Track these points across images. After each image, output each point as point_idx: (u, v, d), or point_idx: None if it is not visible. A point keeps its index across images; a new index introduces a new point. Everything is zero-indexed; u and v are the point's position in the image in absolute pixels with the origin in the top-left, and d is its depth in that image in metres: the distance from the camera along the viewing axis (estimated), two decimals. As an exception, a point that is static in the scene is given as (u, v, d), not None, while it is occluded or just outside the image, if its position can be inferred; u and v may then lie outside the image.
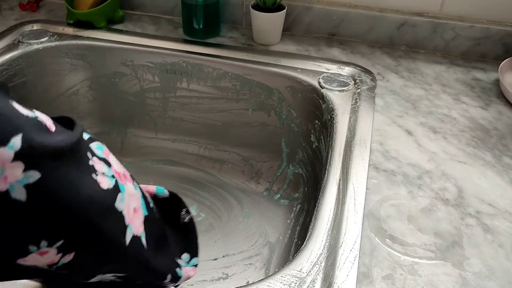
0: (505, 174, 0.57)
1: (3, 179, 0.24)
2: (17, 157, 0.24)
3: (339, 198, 0.52)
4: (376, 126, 0.65)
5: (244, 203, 0.79)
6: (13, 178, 0.24)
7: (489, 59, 0.81)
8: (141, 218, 0.34)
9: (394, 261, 0.46)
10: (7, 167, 0.24)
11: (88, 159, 0.29)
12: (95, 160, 0.30)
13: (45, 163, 0.25)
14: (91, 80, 0.86)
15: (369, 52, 0.82)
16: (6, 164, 0.23)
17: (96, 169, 0.29)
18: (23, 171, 0.24)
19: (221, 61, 0.78)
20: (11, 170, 0.24)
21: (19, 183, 0.24)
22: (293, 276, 0.43)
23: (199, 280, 0.67)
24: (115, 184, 0.31)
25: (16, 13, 0.91)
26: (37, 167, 0.25)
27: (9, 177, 0.24)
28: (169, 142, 0.89)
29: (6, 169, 0.23)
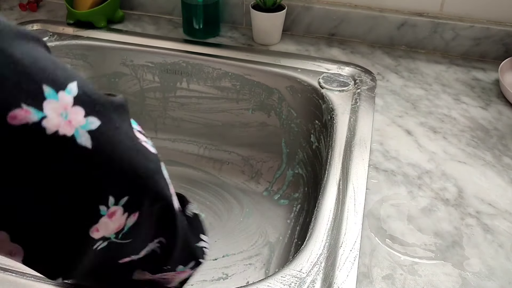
0: (505, 174, 0.57)
1: (68, 123, 0.23)
2: (76, 102, 0.24)
3: (339, 198, 0.52)
4: (376, 126, 0.65)
5: (244, 203, 0.79)
6: (77, 122, 0.23)
7: (489, 59, 0.81)
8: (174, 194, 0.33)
9: (394, 261, 0.46)
10: (70, 111, 0.23)
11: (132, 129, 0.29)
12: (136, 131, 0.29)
13: (102, 111, 0.25)
14: (91, 80, 0.86)
15: (369, 52, 0.82)
16: (68, 108, 0.23)
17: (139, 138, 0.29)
18: (84, 116, 0.24)
19: (221, 61, 0.78)
20: (74, 114, 0.23)
21: (83, 128, 0.24)
22: (293, 276, 0.43)
23: (199, 280, 0.67)
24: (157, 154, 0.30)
25: (16, 13, 0.91)
26: (96, 114, 0.25)
27: (73, 121, 0.23)
28: (169, 142, 0.89)
29: (69, 113, 0.23)
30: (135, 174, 0.27)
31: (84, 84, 0.25)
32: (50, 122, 0.22)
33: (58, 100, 0.23)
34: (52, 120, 0.22)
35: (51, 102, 0.22)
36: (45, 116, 0.22)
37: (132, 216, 0.28)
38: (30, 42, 0.24)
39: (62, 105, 0.23)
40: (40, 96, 0.22)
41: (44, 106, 0.22)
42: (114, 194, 0.26)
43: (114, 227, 0.27)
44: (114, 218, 0.27)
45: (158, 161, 0.30)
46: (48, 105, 0.22)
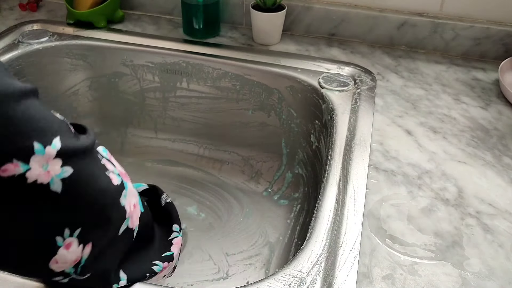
0: (505, 174, 0.57)
1: (47, 173, 0.28)
2: (57, 155, 0.28)
3: (339, 198, 0.52)
4: (376, 126, 0.65)
5: (244, 203, 0.79)
6: (54, 172, 0.28)
7: (489, 59, 0.81)
8: (138, 213, 0.39)
9: (394, 261, 0.46)
10: (50, 163, 0.28)
11: (100, 159, 0.34)
12: (104, 160, 0.34)
13: (76, 160, 0.30)
14: (91, 80, 0.86)
15: (369, 52, 0.82)
16: (50, 160, 0.28)
17: (107, 167, 0.34)
18: (60, 166, 0.29)
19: (221, 61, 0.78)
20: (53, 165, 0.28)
21: (58, 177, 0.29)
22: (293, 276, 0.43)
23: (199, 280, 0.67)
24: (121, 181, 0.36)
25: (16, 13, 0.91)
26: (71, 163, 0.30)
27: (51, 172, 0.28)
28: (169, 142, 0.89)
29: (49, 165, 0.28)
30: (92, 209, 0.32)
31: (66, 137, 0.30)
32: (32, 174, 0.27)
33: (44, 154, 0.28)
34: (34, 171, 0.27)
35: (38, 156, 0.27)
36: (29, 168, 0.27)
37: (87, 247, 0.32)
38: (30, 98, 0.28)
39: (46, 158, 0.28)
40: (30, 152, 0.27)
41: (31, 160, 0.27)
42: (69, 225, 0.31)
43: (72, 258, 0.32)
44: (71, 250, 0.31)
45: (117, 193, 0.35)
46: (35, 159, 0.27)
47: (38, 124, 0.28)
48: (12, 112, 0.26)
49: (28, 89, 0.28)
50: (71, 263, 0.32)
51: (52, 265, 0.31)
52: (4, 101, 0.26)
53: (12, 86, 0.27)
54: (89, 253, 0.33)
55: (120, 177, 0.35)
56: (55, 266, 0.31)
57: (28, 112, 0.27)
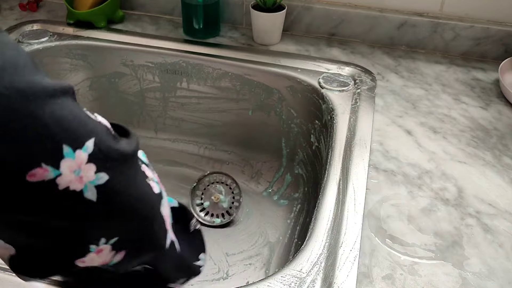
0: (505, 174, 0.57)
1: (79, 179, 0.26)
2: (90, 159, 0.26)
3: (339, 198, 0.52)
4: (376, 126, 0.65)
5: (244, 203, 0.79)
6: (87, 178, 0.26)
7: (489, 59, 0.81)
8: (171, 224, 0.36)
9: (394, 261, 0.46)
10: (83, 168, 0.26)
11: (140, 165, 0.32)
12: (144, 166, 0.33)
13: (112, 166, 0.28)
14: (91, 80, 0.86)
15: (369, 52, 0.82)
16: (82, 165, 0.26)
17: (147, 174, 0.32)
18: (95, 172, 0.26)
19: (221, 61, 0.78)
20: (86, 171, 0.26)
21: (91, 183, 0.26)
22: (293, 276, 0.43)
23: (199, 280, 0.67)
24: (160, 191, 0.33)
25: (16, 13, 0.91)
26: (106, 169, 0.27)
27: (84, 178, 0.26)
28: (169, 142, 0.89)
29: (82, 170, 0.26)
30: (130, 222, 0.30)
31: (101, 140, 0.27)
32: (63, 179, 0.25)
33: (75, 158, 0.25)
34: (66, 178, 0.25)
35: (68, 160, 0.25)
36: (60, 174, 0.25)
37: (119, 254, 0.31)
38: (60, 98, 0.26)
39: (77, 163, 0.26)
40: (59, 156, 0.25)
41: (61, 165, 0.25)
42: (106, 235, 0.29)
43: (100, 261, 0.30)
44: (101, 254, 0.30)
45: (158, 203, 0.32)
46: (65, 164, 0.25)
47: (68, 126, 0.26)
48: (40, 112, 0.24)
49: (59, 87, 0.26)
50: (98, 264, 0.30)
51: (77, 263, 0.30)
52: (31, 101, 0.24)
53: (41, 84, 0.25)
54: (120, 259, 0.31)
55: (158, 185, 0.33)
56: (81, 264, 0.30)
57: (58, 112, 0.25)
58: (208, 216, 0.77)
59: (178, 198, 0.85)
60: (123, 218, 0.29)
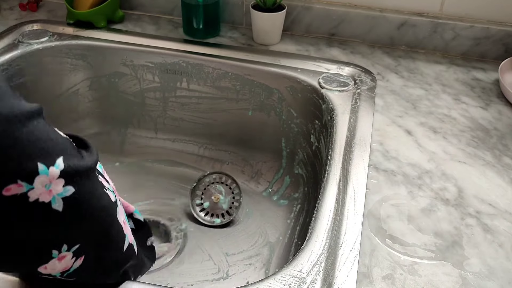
0: (505, 174, 0.57)
1: (49, 192, 0.29)
2: (60, 175, 0.29)
3: (339, 198, 0.52)
4: (376, 126, 0.65)
5: (244, 203, 0.79)
6: (55, 191, 0.29)
7: (489, 59, 0.81)
8: (129, 230, 0.40)
9: (394, 261, 0.46)
10: (53, 183, 0.29)
11: (98, 176, 0.35)
12: (100, 177, 0.35)
13: (78, 180, 0.31)
14: (91, 80, 0.86)
15: (369, 52, 0.82)
16: (53, 180, 0.29)
17: (104, 184, 0.35)
18: (63, 186, 0.29)
19: (221, 61, 0.78)
20: (55, 185, 0.29)
21: (59, 195, 0.29)
22: (293, 276, 0.43)
23: (199, 280, 0.67)
24: (116, 199, 0.37)
25: (16, 13, 0.91)
26: (73, 183, 0.30)
27: (53, 191, 0.29)
28: (169, 142, 0.89)
29: (52, 184, 0.29)
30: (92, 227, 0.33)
31: (69, 157, 0.30)
32: (34, 193, 0.28)
33: (48, 174, 0.28)
34: (37, 191, 0.28)
35: (42, 177, 0.28)
36: (32, 188, 0.28)
37: (79, 260, 0.34)
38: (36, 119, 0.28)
39: (49, 178, 0.28)
40: (34, 173, 0.27)
41: (35, 180, 0.28)
42: (68, 242, 0.32)
43: (61, 267, 0.33)
44: (63, 261, 0.32)
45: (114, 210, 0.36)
46: (39, 180, 0.28)
47: (43, 145, 0.28)
48: (18, 134, 0.27)
49: (34, 110, 0.28)
50: (59, 270, 0.33)
51: (40, 269, 0.32)
52: (11, 123, 0.26)
53: (18, 107, 0.27)
54: (79, 265, 0.34)
55: (114, 194, 0.37)
56: (43, 270, 0.32)
57: (34, 133, 0.28)
58: (208, 216, 0.77)
59: (178, 198, 0.85)
60: (84, 226, 0.32)
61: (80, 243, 0.33)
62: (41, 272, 0.32)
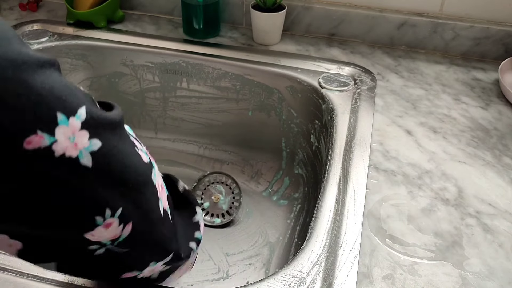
0: (505, 174, 0.57)
1: (74, 146, 0.26)
2: (83, 126, 0.27)
3: (339, 198, 0.52)
4: (376, 126, 0.65)
5: (244, 203, 0.79)
6: (81, 145, 0.26)
7: (489, 59, 0.81)
8: (166, 195, 0.37)
9: (394, 261, 0.46)
10: (77, 135, 0.26)
11: (129, 135, 0.32)
12: (132, 138, 0.33)
13: (104, 133, 0.28)
14: (91, 80, 0.86)
15: (369, 52, 0.82)
16: (76, 132, 0.26)
17: (136, 144, 0.33)
18: (88, 139, 0.27)
19: (221, 61, 0.78)
20: (80, 138, 0.26)
21: (86, 150, 0.27)
22: (293, 276, 0.43)
23: (199, 280, 0.67)
24: (150, 160, 0.34)
25: (16, 13, 0.91)
26: (99, 136, 0.28)
27: (78, 144, 0.26)
28: (169, 142, 0.89)
29: (76, 137, 0.26)
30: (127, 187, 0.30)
31: (91, 108, 0.28)
32: (59, 146, 0.25)
33: (69, 125, 0.26)
34: (61, 144, 0.25)
35: (62, 127, 0.25)
36: (55, 140, 0.25)
37: (127, 226, 0.31)
38: (48, 69, 0.26)
39: (71, 129, 0.26)
40: (54, 123, 0.25)
41: (56, 132, 0.25)
42: (110, 206, 0.29)
43: (109, 236, 0.30)
44: (110, 229, 0.30)
45: (149, 171, 0.33)
46: (60, 131, 0.25)
47: (61, 94, 0.26)
48: (32, 81, 0.24)
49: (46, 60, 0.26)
50: (108, 238, 0.30)
51: (87, 236, 0.30)
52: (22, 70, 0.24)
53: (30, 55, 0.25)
54: (129, 232, 0.31)
55: (147, 156, 0.34)
56: (91, 237, 0.30)
57: (48, 81, 0.25)
58: (208, 216, 0.77)
59: (178, 198, 0.84)
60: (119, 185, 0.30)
61: (122, 206, 0.30)
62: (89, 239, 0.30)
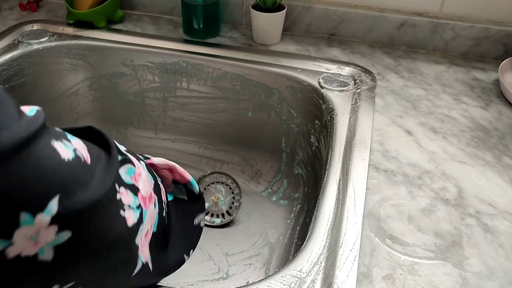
0: (505, 174, 0.57)
1: (35, 244, 0.23)
2: (53, 221, 0.23)
3: (339, 198, 0.52)
4: (376, 126, 0.65)
5: (244, 203, 0.79)
6: (45, 242, 0.23)
7: (489, 59, 0.81)
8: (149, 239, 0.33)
9: (394, 261, 0.46)
10: (42, 233, 0.23)
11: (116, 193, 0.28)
12: (122, 191, 0.29)
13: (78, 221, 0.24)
14: (91, 80, 0.86)
15: (369, 52, 0.82)
16: (42, 229, 0.23)
17: (124, 202, 0.28)
18: (55, 233, 0.24)
19: (221, 61, 0.78)
20: (45, 234, 0.23)
21: (49, 245, 0.24)
22: (293, 276, 0.43)
23: (199, 280, 0.67)
24: (139, 216, 0.30)
25: (16, 13, 0.91)
26: (70, 226, 0.24)
27: (40, 242, 0.23)
28: (169, 142, 0.89)
29: (40, 235, 0.23)
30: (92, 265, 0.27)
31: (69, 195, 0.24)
32: (14, 248, 0.22)
33: (34, 224, 0.23)
34: (18, 246, 0.22)
35: (24, 228, 0.22)
36: (11, 243, 0.22)
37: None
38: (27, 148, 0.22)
39: (35, 228, 0.23)
40: (13, 226, 0.22)
41: (14, 234, 0.22)
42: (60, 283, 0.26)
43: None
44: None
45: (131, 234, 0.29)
46: (19, 233, 0.22)
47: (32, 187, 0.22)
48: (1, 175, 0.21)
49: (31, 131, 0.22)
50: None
51: None
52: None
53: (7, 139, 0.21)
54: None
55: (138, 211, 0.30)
56: None
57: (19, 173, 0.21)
58: (208, 216, 0.77)
59: (178, 198, 0.84)
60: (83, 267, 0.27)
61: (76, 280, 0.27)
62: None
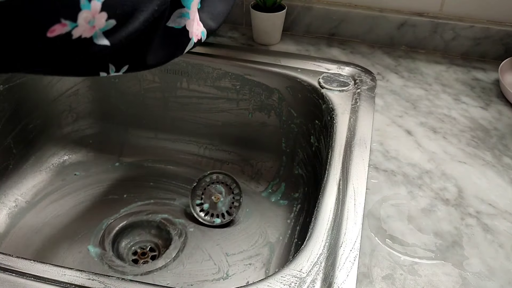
0: (505, 174, 0.57)
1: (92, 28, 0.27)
2: (103, 8, 0.27)
3: (339, 198, 0.52)
4: (376, 126, 0.65)
5: (244, 203, 0.79)
6: (98, 26, 0.27)
7: (489, 59, 0.81)
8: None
9: (394, 261, 0.46)
10: (96, 18, 0.27)
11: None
12: None
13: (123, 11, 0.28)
14: (91, 80, 0.86)
15: (369, 52, 0.82)
16: (96, 14, 0.27)
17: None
18: (106, 19, 0.27)
19: (221, 61, 0.78)
20: (99, 19, 0.27)
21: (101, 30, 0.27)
22: (293, 276, 0.43)
23: (199, 280, 0.67)
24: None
25: (16, 13, 0.91)
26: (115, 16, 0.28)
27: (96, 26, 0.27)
28: (169, 142, 0.89)
29: (95, 20, 0.27)
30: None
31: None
32: (78, 30, 0.26)
33: (90, 9, 0.26)
34: (81, 28, 0.26)
35: (84, 12, 0.26)
36: (76, 25, 0.26)
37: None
38: None
39: (92, 13, 0.26)
40: (77, 9, 0.25)
41: (78, 17, 0.26)
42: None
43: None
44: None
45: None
46: (82, 15, 0.26)
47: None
48: None
49: None
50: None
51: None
52: None
53: None
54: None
55: None
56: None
57: None
58: (208, 216, 0.77)
59: (178, 198, 0.85)
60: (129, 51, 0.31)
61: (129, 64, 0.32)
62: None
